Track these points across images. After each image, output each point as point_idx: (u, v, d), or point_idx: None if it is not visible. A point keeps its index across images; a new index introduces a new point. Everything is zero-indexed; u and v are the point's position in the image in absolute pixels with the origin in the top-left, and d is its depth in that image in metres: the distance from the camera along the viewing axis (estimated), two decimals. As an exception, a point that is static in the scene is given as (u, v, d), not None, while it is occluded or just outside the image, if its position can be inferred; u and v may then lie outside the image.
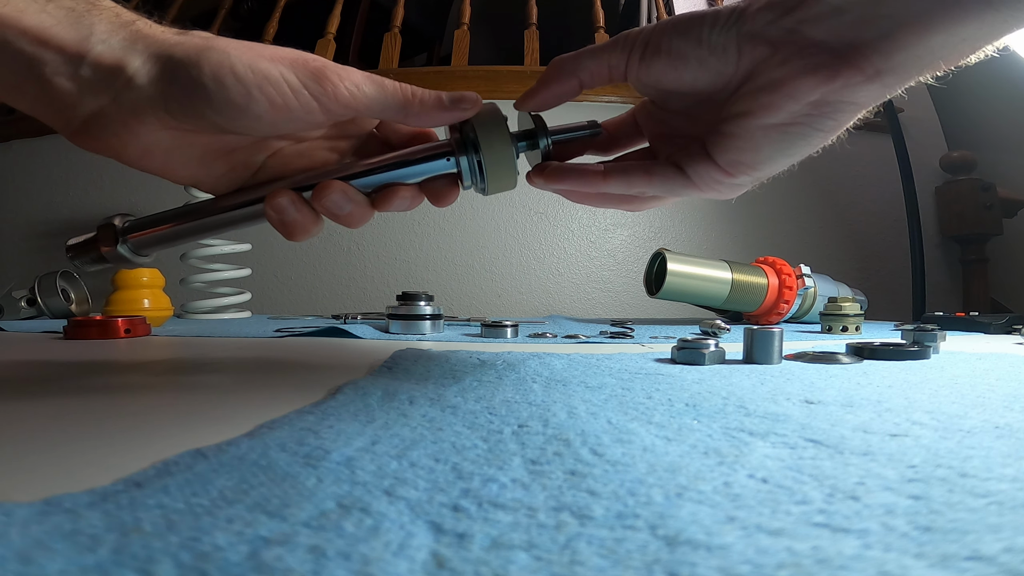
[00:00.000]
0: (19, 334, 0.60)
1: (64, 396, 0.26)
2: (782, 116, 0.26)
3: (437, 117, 0.29)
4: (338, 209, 0.29)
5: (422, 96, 0.29)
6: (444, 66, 1.30)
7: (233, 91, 0.25)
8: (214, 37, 0.26)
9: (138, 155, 0.27)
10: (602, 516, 0.12)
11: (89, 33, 0.24)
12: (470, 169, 0.30)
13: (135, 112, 0.25)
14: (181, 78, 0.25)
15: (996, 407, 0.23)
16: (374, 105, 0.28)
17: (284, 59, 0.26)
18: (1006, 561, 0.10)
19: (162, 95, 0.25)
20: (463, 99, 0.29)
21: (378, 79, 0.28)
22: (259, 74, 0.25)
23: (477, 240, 1.25)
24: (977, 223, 1.22)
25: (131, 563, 0.09)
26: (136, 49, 0.25)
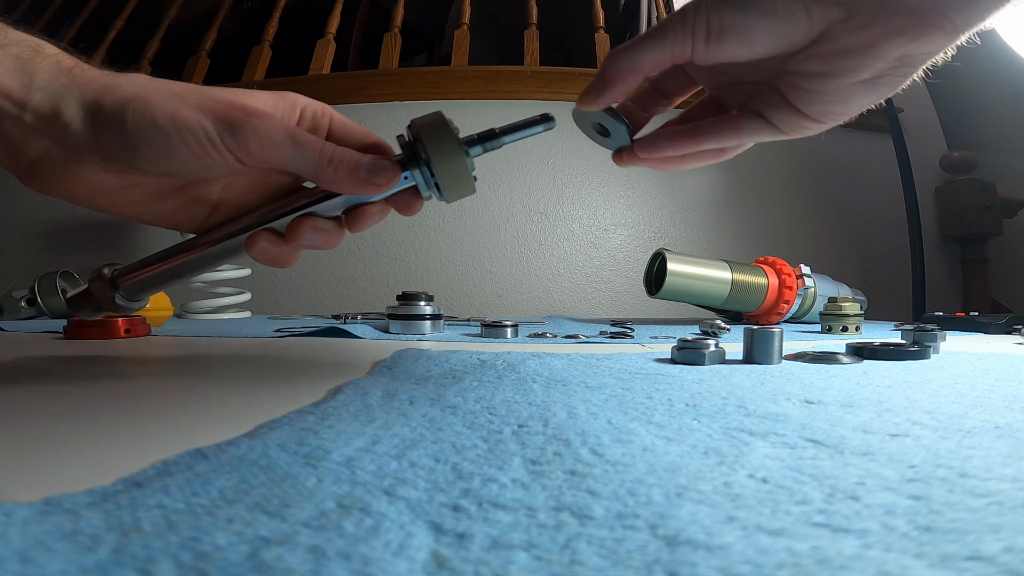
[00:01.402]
0: (19, 334, 0.60)
1: (64, 396, 0.26)
2: (869, 73, 0.27)
3: (349, 187, 0.29)
4: (313, 243, 0.30)
5: (337, 163, 0.28)
6: (444, 66, 1.30)
7: (155, 141, 0.26)
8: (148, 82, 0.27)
9: (88, 196, 0.28)
10: (602, 516, 0.12)
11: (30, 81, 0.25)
12: (425, 182, 0.30)
13: (75, 155, 0.26)
14: (108, 127, 0.26)
15: (996, 407, 0.23)
16: (288, 164, 0.28)
17: (208, 108, 0.26)
18: (1006, 561, 0.10)
19: (95, 140, 0.26)
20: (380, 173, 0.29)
21: (300, 138, 0.28)
22: (179, 124, 0.26)
23: (477, 240, 1.24)
24: (977, 223, 1.22)
25: (131, 563, 0.09)
26: (71, 96, 0.26)
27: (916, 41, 0.25)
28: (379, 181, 0.29)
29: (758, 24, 0.26)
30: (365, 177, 0.28)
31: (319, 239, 0.30)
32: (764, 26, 0.26)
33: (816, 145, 1.32)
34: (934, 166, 1.28)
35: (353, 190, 0.29)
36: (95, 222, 1.30)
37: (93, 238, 1.30)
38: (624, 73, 0.29)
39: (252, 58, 1.36)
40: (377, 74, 1.27)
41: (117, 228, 1.29)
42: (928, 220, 1.23)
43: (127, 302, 0.32)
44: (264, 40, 1.37)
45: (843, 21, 0.26)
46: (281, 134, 0.27)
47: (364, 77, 1.27)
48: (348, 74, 1.32)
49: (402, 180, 0.30)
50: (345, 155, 0.28)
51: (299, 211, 0.30)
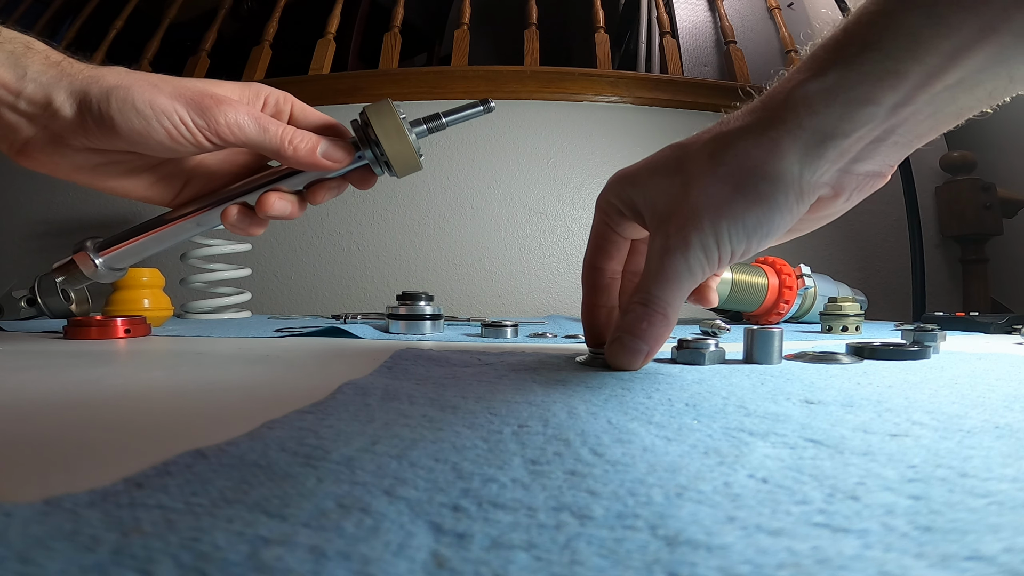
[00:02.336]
0: (19, 334, 0.60)
1: (64, 396, 0.26)
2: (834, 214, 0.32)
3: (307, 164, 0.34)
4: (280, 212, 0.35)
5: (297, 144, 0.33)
6: (444, 66, 1.30)
7: (135, 122, 0.30)
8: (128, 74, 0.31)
9: (69, 171, 0.32)
10: (602, 516, 0.12)
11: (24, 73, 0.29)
12: (376, 159, 0.35)
13: (62, 137, 0.30)
14: (94, 111, 0.30)
15: (996, 407, 0.23)
16: (252, 143, 0.33)
17: (182, 95, 0.31)
18: (1006, 561, 0.10)
19: (81, 124, 0.30)
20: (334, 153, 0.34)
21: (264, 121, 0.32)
22: (156, 109, 0.30)
23: (477, 240, 1.25)
24: (977, 223, 1.22)
25: (131, 563, 0.09)
26: (61, 86, 0.30)
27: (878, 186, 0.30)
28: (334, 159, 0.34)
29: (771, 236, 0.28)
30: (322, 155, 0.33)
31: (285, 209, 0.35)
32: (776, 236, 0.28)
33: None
34: (934, 166, 1.28)
35: (311, 167, 0.34)
36: (95, 222, 1.30)
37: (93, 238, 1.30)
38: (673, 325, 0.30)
39: (252, 58, 1.36)
40: (377, 74, 1.27)
41: (116, 228, 1.29)
42: (928, 220, 1.23)
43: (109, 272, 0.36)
44: (264, 40, 1.37)
45: (830, 198, 0.29)
46: (247, 118, 0.32)
47: (364, 77, 1.27)
48: (348, 74, 1.32)
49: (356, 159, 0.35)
50: (304, 137, 0.33)
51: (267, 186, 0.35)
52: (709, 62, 1.48)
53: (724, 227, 0.27)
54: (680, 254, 0.27)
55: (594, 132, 1.26)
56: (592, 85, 1.25)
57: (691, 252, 0.27)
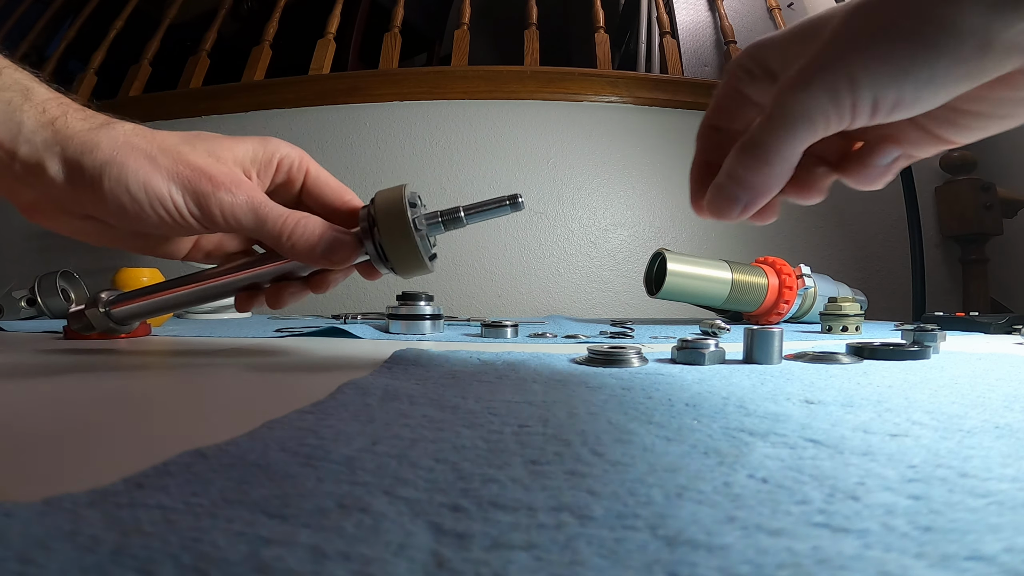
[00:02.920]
0: (19, 334, 0.60)
1: (64, 396, 0.26)
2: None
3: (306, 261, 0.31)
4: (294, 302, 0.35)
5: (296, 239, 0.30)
6: (444, 66, 1.30)
7: (128, 206, 0.28)
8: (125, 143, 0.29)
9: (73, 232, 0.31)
10: (602, 516, 0.12)
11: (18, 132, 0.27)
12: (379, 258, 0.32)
13: (59, 205, 0.29)
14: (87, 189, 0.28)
15: (996, 407, 0.23)
16: (250, 233, 0.31)
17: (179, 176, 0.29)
18: (1006, 561, 0.10)
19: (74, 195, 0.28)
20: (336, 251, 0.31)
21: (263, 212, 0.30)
22: (150, 193, 0.28)
23: (477, 240, 1.24)
24: (977, 223, 1.22)
25: (131, 563, 0.09)
26: (54, 152, 0.28)
27: None
28: (335, 259, 0.31)
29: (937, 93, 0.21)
30: (321, 254, 0.31)
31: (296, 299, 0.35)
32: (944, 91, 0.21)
33: (816, 145, 1.32)
34: (934, 166, 1.28)
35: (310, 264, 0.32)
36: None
37: (93, 238, 1.30)
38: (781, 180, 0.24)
39: (252, 58, 1.36)
40: (377, 74, 1.27)
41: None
42: (928, 220, 1.23)
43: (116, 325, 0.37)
44: (264, 40, 1.37)
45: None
46: (244, 208, 0.30)
47: (364, 77, 1.27)
48: (348, 74, 1.32)
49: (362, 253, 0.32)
50: (305, 232, 0.30)
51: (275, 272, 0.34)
52: (709, 62, 1.48)
53: (860, 64, 0.21)
54: (796, 93, 0.22)
55: (594, 132, 1.26)
56: (592, 85, 1.25)
57: (811, 91, 0.21)
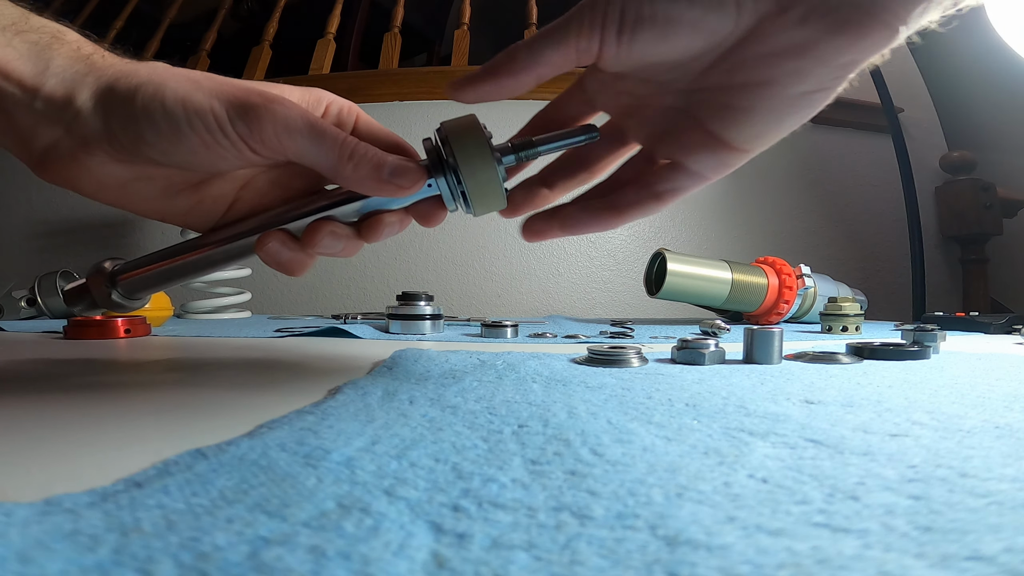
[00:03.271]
0: (19, 334, 0.60)
1: (64, 396, 0.26)
2: (811, 83, 0.23)
3: (369, 186, 0.26)
4: (331, 250, 0.28)
5: (360, 159, 0.26)
6: (444, 66, 1.30)
7: (162, 125, 0.24)
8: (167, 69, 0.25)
9: (93, 188, 0.26)
10: (602, 516, 0.12)
11: (46, 67, 0.24)
12: (451, 191, 0.28)
13: (84, 144, 0.25)
14: (118, 111, 0.24)
15: (996, 407, 0.23)
16: (305, 156, 0.26)
17: (224, 93, 0.25)
18: (1006, 561, 0.10)
19: (106, 128, 0.24)
20: (404, 174, 0.26)
21: (321, 127, 0.25)
22: (189, 108, 0.24)
23: (477, 240, 1.25)
24: (977, 223, 1.22)
25: (131, 563, 0.09)
26: (86, 82, 0.25)
27: (861, 41, 0.22)
28: (402, 183, 0.26)
29: (681, 14, 0.22)
30: (388, 177, 0.26)
31: (337, 246, 0.28)
32: (688, 17, 0.23)
33: (816, 145, 1.32)
34: (934, 166, 1.28)
35: (373, 190, 0.27)
36: (95, 222, 1.30)
37: (93, 238, 1.30)
38: (516, 68, 0.25)
39: (252, 58, 1.36)
40: (377, 74, 1.27)
41: (117, 227, 1.29)
42: (928, 220, 1.23)
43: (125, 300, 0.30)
44: (264, 40, 1.37)
45: (775, 15, 0.22)
46: (300, 121, 0.25)
47: (364, 77, 1.27)
48: (348, 74, 1.32)
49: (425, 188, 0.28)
50: (368, 151, 0.26)
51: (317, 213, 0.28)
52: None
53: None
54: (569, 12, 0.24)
55: (594, 132, 1.26)
56: (592, 85, 1.25)
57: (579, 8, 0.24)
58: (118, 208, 0.28)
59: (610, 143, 0.31)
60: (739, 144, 0.26)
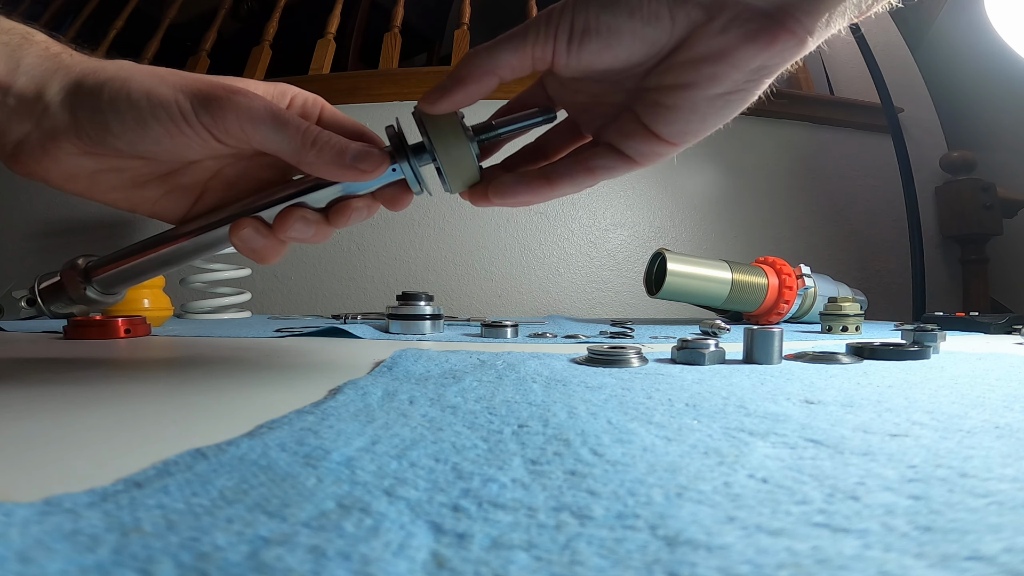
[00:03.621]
0: (19, 334, 0.60)
1: (64, 396, 0.26)
2: (726, 85, 0.26)
3: (332, 171, 0.27)
4: (301, 235, 0.29)
5: (322, 145, 0.27)
6: (444, 66, 1.30)
7: (127, 116, 0.25)
8: (132, 66, 0.27)
9: (63, 179, 0.27)
10: (602, 516, 0.12)
11: (16, 65, 0.26)
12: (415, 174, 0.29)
13: (53, 137, 0.26)
14: (85, 104, 0.26)
15: (996, 407, 0.23)
16: (268, 144, 0.27)
17: (188, 87, 0.26)
18: (1006, 561, 0.10)
19: (73, 120, 0.26)
20: (366, 159, 0.27)
21: (283, 117, 0.27)
22: (153, 99, 0.25)
23: (477, 240, 1.25)
24: (977, 223, 1.22)
25: (131, 563, 0.09)
26: (55, 78, 0.26)
27: (770, 47, 0.25)
28: (365, 167, 0.27)
29: (622, 26, 0.26)
30: (350, 162, 0.27)
31: (307, 231, 0.29)
32: (628, 28, 0.26)
33: (816, 145, 1.32)
34: (934, 166, 1.28)
35: (337, 175, 0.28)
36: (95, 222, 1.30)
37: (93, 238, 1.30)
38: (479, 73, 0.27)
39: (252, 58, 1.36)
40: (377, 74, 1.27)
41: (116, 227, 1.29)
42: (928, 220, 1.23)
43: (101, 295, 0.31)
44: (264, 40, 1.38)
45: (702, 25, 0.25)
46: (263, 111, 0.26)
47: (364, 77, 1.27)
48: (348, 74, 1.32)
49: (389, 172, 0.29)
50: (331, 138, 0.27)
51: (287, 200, 0.29)
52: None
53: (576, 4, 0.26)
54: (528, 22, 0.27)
55: (594, 132, 1.26)
56: (592, 85, 1.25)
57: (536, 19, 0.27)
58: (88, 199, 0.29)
59: (567, 134, 0.34)
60: (667, 137, 0.28)
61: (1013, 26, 0.83)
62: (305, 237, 0.29)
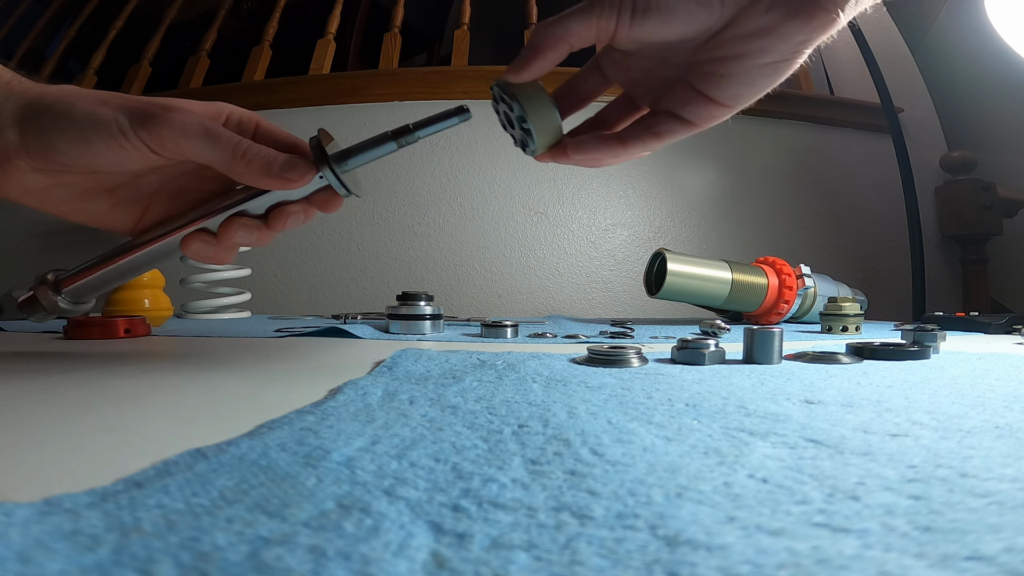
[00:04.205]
0: (19, 334, 0.60)
1: (64, 396, 0.26)
2: (775, 56, 0.31)
3: (262, 181, 0.30)
4: (244, 241, 0.32)
5: (251, 157, 0.30)
6: (444, 66, 1.30)
7: (71, 134, 0.28)
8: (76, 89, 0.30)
9: (19, 193, 0.30)
10: (602, 516, 0.12)
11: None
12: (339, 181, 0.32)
13: (6, 156, 0.29)
14: (32, 125, 0.28)
15: (996, 407, 0.23)
16: (202, 156, 0.30)
17: (127, 107, 0.29)
18: (1006, 561, 0.10)
19: (23, 140, 0.28)
20: (293, 168, 0.30)
21: (215, 131, 0.30)
22: (94, 119, 0.28)
23: (477, 240, 1.25)
24: (977, 223, 1.22)
25: (131, 563, 0.09)
26: (8, 105, 0.28)
27: (809, 23, 0.29)
28: (291, 176, 0.30)
29: (679, 6, 0.30)
30: (278, 172, 0.30)
31: (250, 237, 0.32)
32: (683, 8, 0.30)
33: (816, 145, 1.32)
34: (934, 166, 1.28)
35: (267, 184, 0.31)
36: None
37: (92, 239, 1.30)
38: (552, 41, 0.31)
39: (252, 58, 1.36)
40: (377, 74, 1.27)
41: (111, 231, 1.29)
42: (928, 220, 1.23)
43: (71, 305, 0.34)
44: (264, 40, 1.37)
45: (750, 6, 0.30)
46: (196, 127, 0.29)
47: (364, 77, 1.27)
48: (348, 74, 1.32)
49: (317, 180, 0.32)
50: (260, 151, 0.30)
51: (228, 210, 0.32)
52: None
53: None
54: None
55: (594, 132, 1.26)
56: (592, 85, 1.25)
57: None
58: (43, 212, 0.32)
59: (624, 108, 0.38)
60: (724, 100, 0.33)
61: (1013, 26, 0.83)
62: (249, 241, 0.33)
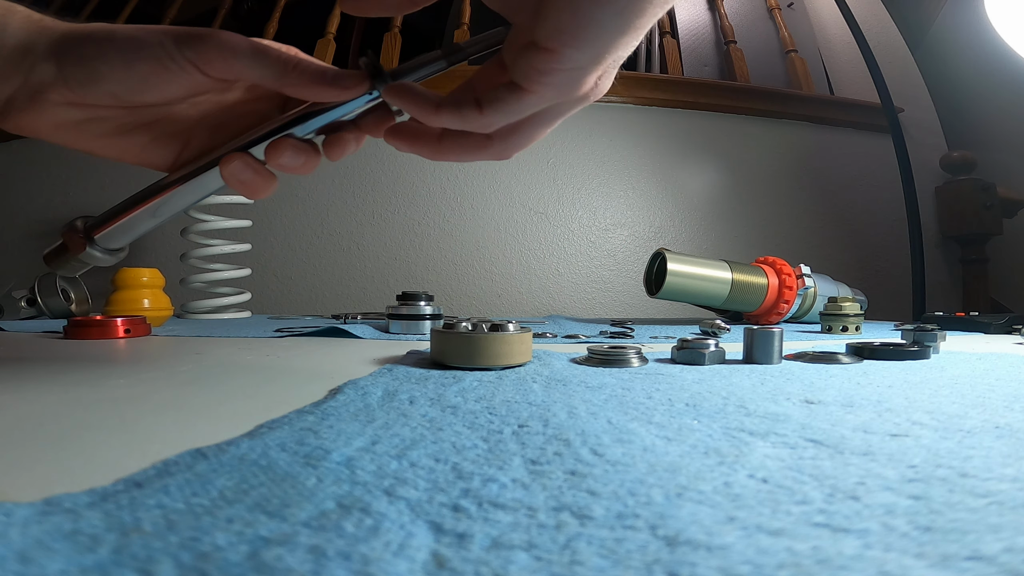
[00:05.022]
0: (19, 334, 0.60)
1: (64, 396, 0.26)
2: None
3: (315, 91, 0.29)
4: (292, 164, 0.30)
5: (303, 68, 0.28)
6: (444, 66, 1.30)
7: (114, 58, 0.27)
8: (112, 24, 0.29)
9: (51, 130, 0.29)
10: (602, 516, 0.12)
11: (3, 31, 0.27)
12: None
13: (41, 89, 0.28)
14: (72, 53, 0.27)
15: (996, 407, 0.23)
16: (250, 71, 0.28)
17: (170, 31, 0.28)
18: (1006, 561, 0.10)
19: (61, 71, 0.27)
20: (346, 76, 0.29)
21: (263, 47, 0.28)
22: (138, 42, 0.27)
23: (477, 240, 1.25)
24: (977, 223, 1.22)
25: (131, 563, 0.09)
26: (41, 38, 0.28)
27: None
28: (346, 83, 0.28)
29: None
30: (332, 80, 0.28)
31: (297, 160, 0.30)
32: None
33: (816, 145, 1.32)
34: (934, 166, 1.28)
35: (320, 94, 0.29)
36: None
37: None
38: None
39: (252, 58, 1.36)
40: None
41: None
42: (928, 220, 1.24)
43: (105, 253, 0.31)
44: (264, 40, 1.37)
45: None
46: (243, 43, 0.28)
47: (364, 77, 1.27)
48: (348, 74, 1.32)
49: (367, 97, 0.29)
50: (312, 62, 0.29)
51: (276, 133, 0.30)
52: (709, 62, 1.48)
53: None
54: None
55: (594, 132, 1.26)
56: (592, 85, 1.25)
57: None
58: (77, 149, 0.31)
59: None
60: (543, 42, 0.24)
61: (1013, 26, 0.83)
62: (296, 165, 0.30)
